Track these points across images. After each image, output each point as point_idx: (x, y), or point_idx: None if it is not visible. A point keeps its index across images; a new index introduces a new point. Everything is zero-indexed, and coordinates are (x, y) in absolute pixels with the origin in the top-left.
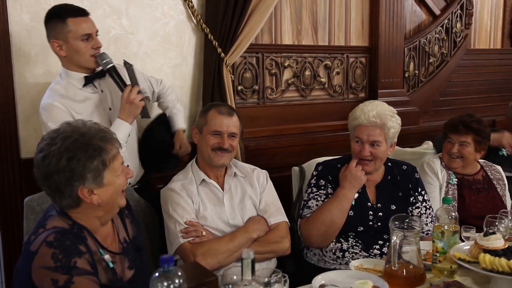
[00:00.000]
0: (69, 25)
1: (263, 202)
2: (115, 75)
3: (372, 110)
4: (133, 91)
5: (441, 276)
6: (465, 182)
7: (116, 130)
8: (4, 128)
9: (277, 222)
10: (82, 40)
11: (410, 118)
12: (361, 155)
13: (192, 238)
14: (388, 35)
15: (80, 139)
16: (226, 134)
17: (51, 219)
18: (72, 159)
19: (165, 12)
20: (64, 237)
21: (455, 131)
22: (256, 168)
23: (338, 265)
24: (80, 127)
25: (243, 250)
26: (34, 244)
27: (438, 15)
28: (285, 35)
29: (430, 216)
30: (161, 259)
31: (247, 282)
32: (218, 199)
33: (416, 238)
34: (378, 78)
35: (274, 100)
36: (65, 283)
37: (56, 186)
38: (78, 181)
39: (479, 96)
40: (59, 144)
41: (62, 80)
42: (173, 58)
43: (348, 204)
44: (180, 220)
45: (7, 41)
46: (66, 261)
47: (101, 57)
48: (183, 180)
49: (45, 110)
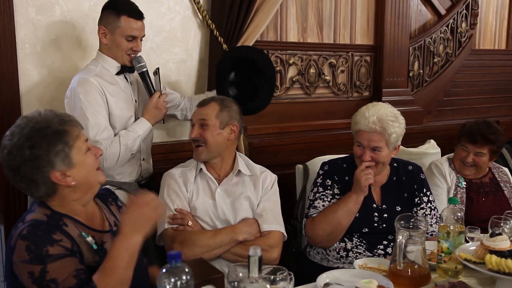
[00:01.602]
0: (121, 21)
1: (261, 206)
2: (147, 79)
3: (372, 116)
4: (161, 98)
5: (446, 276)
6: (473, 185)
7: (140, 128)
8: (8, 122)
9: (270, 230)
10: (126, 39)
11: (413, 117)
12: (363, 160)
13: (177, 226)
14: (393, 34)
15: (37, 126)
16: (197, 124)
17: (31, 213)
18: (33, 147)
19: (170, 7)
20: (37, 229)
21: (473, 141)
22: (266, 171)
23: (342, 264)
24: (36, 117)
25: (250, 248)
26: (13, 239)
27: (443, 14)
28: (290, 32)
29: (435, 217)
30: (169, 255)
31: (254, 280)
32: (212, 192)
33: (421, 238)
34: (382, 77)
35: (278, 98)
36: (40, 273)
37: (28, 177)
38: (47, 167)
39: (483, 96)
40: (17, 136)
41: (97, 63)
42: (178, 53)
43: (354, 207)
44: (171, 206)
45: (12, 34)
46: (39, 252)
47: (137, 60)
48: (186, 166)
49: (80, 85)
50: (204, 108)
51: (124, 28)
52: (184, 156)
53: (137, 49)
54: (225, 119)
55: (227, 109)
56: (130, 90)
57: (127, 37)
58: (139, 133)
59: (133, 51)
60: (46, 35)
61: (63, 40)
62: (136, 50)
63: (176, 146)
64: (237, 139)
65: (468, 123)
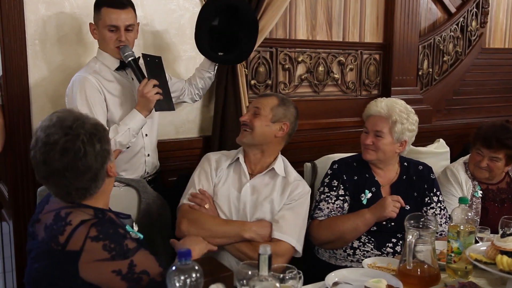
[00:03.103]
0: (102, 13)
1: (281, 213)
2: (135, 68)
3: (382, 102)
4: (148, 85)
5: (456, 276)
6: (489, 193)
7: (130, 120)
8: (17, 118)
9: (282, 240)
10: (109, 30)
11: (423, 116)
12: (363, 143)
13: (194, 204)
14: (403, 32)
15: (91, 121)
16: (251, 110)
17: (71, 215)
18: (101, 141)
19: (180, 4)
20: (105, 227)
21: (488, 146)
22: (301, 181)
23: (349, 262)
24: (83, 114)
25: (260, 246)
26: (72, 243)
27: (453, 13)
28: (299, 30)
29: (444, 217)
30: (179, 253)
31: (263, 278)
32: (240, 184)
33: (431, 238)
34: (391, 75)
35: (287, 95)
36: (129, 268)
37: (93, 175)
38: (109, 158)
39: (493, 95)
40: (79, 131)
41: (96, 60)
42: (187, 50)
43: (363, 227)
44: (196, 185)
45: (23, 31)
46: (120, 247)
47: (123, 50)
48: (226, 155)
49: (77, 83)
50: (263, 98)
51: (104, 19)
52: (192, 153)
53: (121, 39)
54: (279, 115)
55: (284, 107)
56: (130, 86)
57: (109, 28)
58: (129, 126)
59: (119, 41)
60: (55, 32)
61: (72, 36)
62: (121, 41)
63: (184, 143)
64: (284, 140)
65: (484, 126)
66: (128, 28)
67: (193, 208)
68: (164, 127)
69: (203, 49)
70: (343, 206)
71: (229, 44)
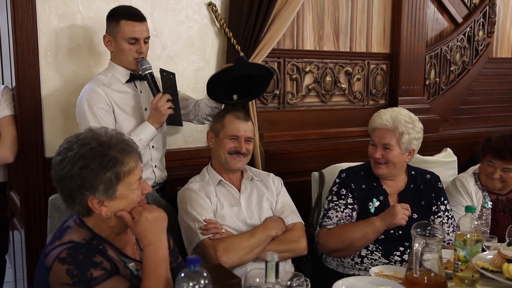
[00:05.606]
0: (121, 25)
1: (279, 204)
2: (151, 81)
3: (387, 114)
4: (162, 99)
5: (462, 285)
6: (499, 204)
7: (142, 131)
8: (30, 127)
9: (294, 222)
10: (128, 42)
11: (430, 126)
12: (373, 157)
13: (212, 235)
14: (410, 42)
15: (97, 148)
16: (243, 138)
17: (69, 232)
18: (85, 168)
19: (189, 16)
20: (76, 252)
21: (500, 158)
22: (270, 174)
23: (357, 271)
24: (102, 135)
25: (268, 253)
26: (48, 259)
27: (460, 23)
28: (306, 40)
29: (452, 225)
30: (188, 260)
31: (271, 285)
32: (235, 199)
33: (438, 246)
34: (398, 85)
35: (294, 105)
36: None
37: (67, 191)
38: (89, 191)
39: (500, 105)
40: (75, 150)
41: (107, 72)
42: (196, 61)
43: (372, 234)
44: (199, 218)
45: (35, 42)
46: (83, 275)
47: (142, 63)
48: (200, 181)
49: (86, 95)
50: (247, 125)
51: (124, 31)
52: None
53: (141, 51)
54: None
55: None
56: (139, 98)
57: (128, 40)
58: (140, 137)
59: (138, 53)
60: (67, 43)
61: (84, 47)
62: (140, 52)
63: (193, 152)
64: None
65: (494, 138)
66: (145, 40)
67: (215, 238)
68: (173, 136)
69: (218, 99)
70: (352, 214)
71: (244, 88)
